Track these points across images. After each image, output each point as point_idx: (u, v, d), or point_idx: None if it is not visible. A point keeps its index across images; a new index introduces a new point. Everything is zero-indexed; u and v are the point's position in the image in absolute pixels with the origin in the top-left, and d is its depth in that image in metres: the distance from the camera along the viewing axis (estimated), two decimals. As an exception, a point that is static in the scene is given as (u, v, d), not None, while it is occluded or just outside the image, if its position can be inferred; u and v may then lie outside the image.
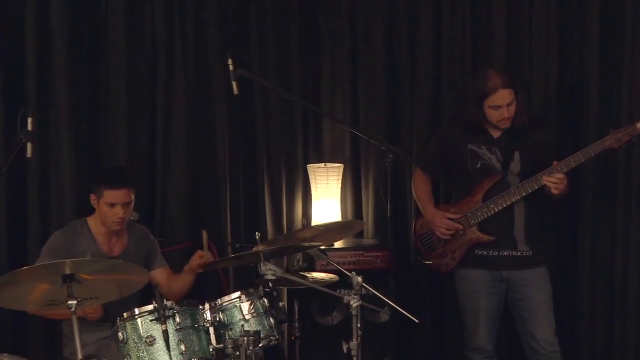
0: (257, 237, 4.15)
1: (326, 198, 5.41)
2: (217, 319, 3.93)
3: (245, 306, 3.99)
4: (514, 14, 5.26)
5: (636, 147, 4.70)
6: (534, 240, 4.67)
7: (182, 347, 3.79)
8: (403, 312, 4.04)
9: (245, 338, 3.80)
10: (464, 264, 4.73)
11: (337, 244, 5.27)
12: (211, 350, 3.87)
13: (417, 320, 4.03)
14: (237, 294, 4.02)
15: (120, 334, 3.85)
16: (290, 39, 5.47)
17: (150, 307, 3.83)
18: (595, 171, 5.06)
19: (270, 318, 4.04)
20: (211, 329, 3.90)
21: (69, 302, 3.61)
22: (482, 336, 4.73)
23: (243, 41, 5.29)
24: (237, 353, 3.81)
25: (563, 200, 4.74)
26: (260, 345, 3.90)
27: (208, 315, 3.92)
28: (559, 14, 5.15)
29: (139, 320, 3.83)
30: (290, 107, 5.45)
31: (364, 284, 3.92)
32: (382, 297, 4.06)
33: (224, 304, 3.99)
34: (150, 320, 3.81)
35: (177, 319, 3.82)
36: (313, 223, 5.28)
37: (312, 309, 5.15)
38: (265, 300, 4.05)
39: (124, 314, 3.86)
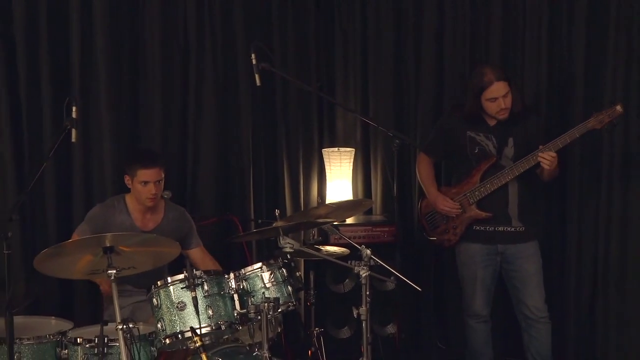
0: (277, 214, 4.12)
1: (339, 179, 5.41)
2: (241, 287, 3.90)
3: (266, 275, 3.94)
4: (509, 14, 5.21)
5: (617, 129, 4.66)
6: (526, 217, 4.66)
7: (210, 312, 3.77)
8: (407, 281, 4.01)
9: (266, 304, 3.78)
10: (463, 238, 4.73)
11: (349, 220, 5.27)
12: (235, 315, 3.84)
13: (419, 289, 4.01)
14: (259, 264, 3.97)
15: (154, 299, 3.81)
16: (308, 35, 5.47)
17: (181, 276, 3.79)
18: (582, 152, 5.01)
19: (289, 286, 3.99)
20: (235, 296, 3.87)
21: (109, 271, 3.65)
22: (479, 303, 4.73)
23: (265, 38, 5.28)
24: (259, 317, 3.81)
25: (553, 181, 4.73)
26: (279, 310, 3.88)
27: (233, 283, 3.88)
28: (549, 14, 5.09)
29: (171, 287, 3.80)
30: (307, 97, 5.44)
31: (372, 256, 3.90)
32: (388, 267, 4.04)
33: (247, 274, 3.95)
34: (181, 288, 3.78)
35: (205, 287, 3.79)
36: (327, 201, 5.29)
37: (327, 278, 5.17)
38: (284, 270, 4.00)
39: (158, 282, 3.84)
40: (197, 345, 3.63)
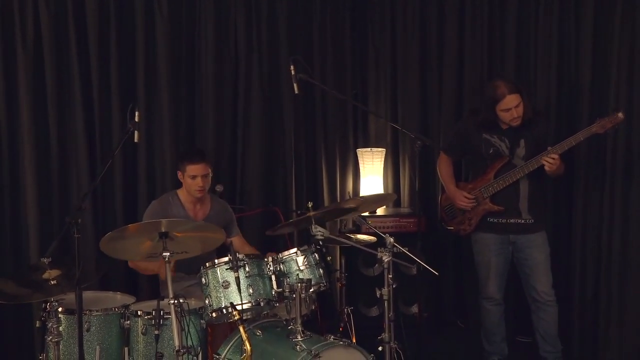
0: (309, 206, 4.16)
1: (371, 175, 5.47)
2: (278, 269, 3.95)
3: (300, 259, 3.99)
4: (522, 30, 5.21)
5: (619, 133, 4.65)
6: (536, 210, 4.65)
7: (250, 290, 3.84)
8: (425, 265, 4.01)
9: (299, 284, 3.85)
10: (478, 229, 4.73)
11: (379, 212, 5.34)
12: (273, 293, 3.90)
13: (436, 273, 4.00)
14: (294, 250, 4.01)
15: (203, 279, 3.91)
16: (344, 50, 5.53)
17: (226, 258, 3.87)
18: (588, 152, 4.94)
19: (320, 269, 4.03)
20: (273, 277, 3.91)
21: (164, 253, 3.75)
22: (493, 287, 4.73)
23: (307, 53, 5.35)
24: (294, 295, 3.88)
25: (560, 179, 4.73)
26: (311, 290, 3.93)
27: (271, 266, 3.93)
28: (559, 29, 5.06)
29: (217, 268, 3.88)
30: (344, 102, 5.48)
31: (394, 244, 3.94)
32: (408, 253, 4.02)
33: (283, 257, 4.00)
34: (226, 269, 3.86)
35: (247, 268, 3.86)
36: (359, 195, 5.35)
37: (359, 263, 5.23)
38: (316, 255, 4.04)
39: (206, 263, 3.93)
40: (235, 318, 3.71)
